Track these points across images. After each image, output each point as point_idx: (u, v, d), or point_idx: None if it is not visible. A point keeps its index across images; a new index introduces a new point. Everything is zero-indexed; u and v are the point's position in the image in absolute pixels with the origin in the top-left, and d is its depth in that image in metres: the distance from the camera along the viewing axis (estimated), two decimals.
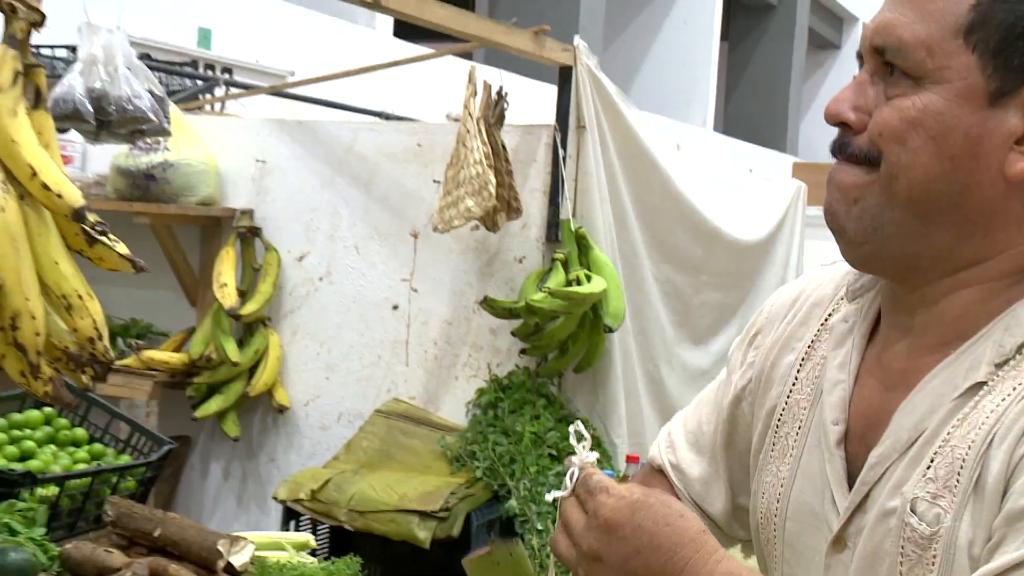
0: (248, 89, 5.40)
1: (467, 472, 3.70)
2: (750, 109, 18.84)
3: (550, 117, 4.22)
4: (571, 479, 1.24)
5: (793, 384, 1.44)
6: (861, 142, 1.22)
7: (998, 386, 1.17)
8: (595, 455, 1.24)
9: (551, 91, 4.40)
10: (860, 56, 1.27)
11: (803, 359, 1.44)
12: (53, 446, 3.39)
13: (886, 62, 1.21)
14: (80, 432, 3.51)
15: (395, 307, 4.29)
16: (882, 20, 1.22)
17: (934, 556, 1.16)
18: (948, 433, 1.19)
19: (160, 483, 3.74)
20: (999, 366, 1.18)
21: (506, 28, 4.10)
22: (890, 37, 1.20)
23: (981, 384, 1.18)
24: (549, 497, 1.29)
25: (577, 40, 4.29)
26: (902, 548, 1.20)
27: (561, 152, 4.13)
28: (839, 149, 1.25)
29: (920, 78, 1.18)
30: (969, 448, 1.16)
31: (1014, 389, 1.15)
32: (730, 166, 9.09)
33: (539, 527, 3.51)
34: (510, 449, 3.67)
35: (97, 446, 3.48)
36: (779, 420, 1.44)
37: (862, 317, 1.37)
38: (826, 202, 1.27)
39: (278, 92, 5.91)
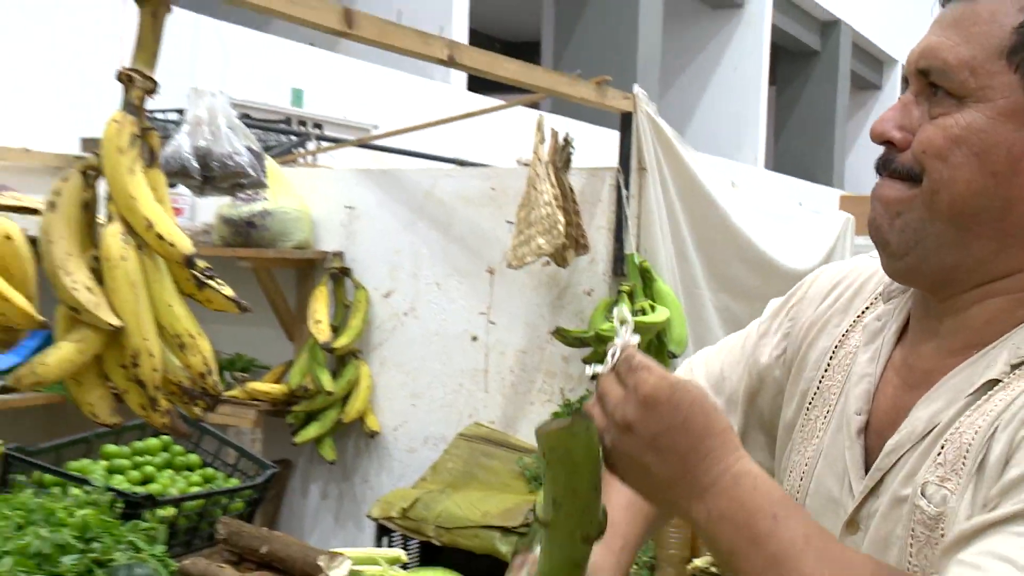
0: (337, 142, 5.45)
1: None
2: (798, 147, 18.71)
3: (613, 160, 4.22)
4: (612, 357, 1.18)
5: (825, 370, 1.42)
6: (905, 159, 1.20)
7: (1012, 384, 1.15)
8: (637, 337, 1.18)
9: (613, 136, 4.40)
10: (906, 80, 1.25)
11: (836, 346, 1.43)
12: (170, 471, 3.46)
13: (930, 83, 1.19)
14: (194, 458, 3.57)
15: (474, 338, 4.30)
16: (927, 44, 1.20)
17: (941, 536, 1.14)
18: (959, 423, 1.17)
19: (265, 504, 3.77)
20: (1015, 367, 1.16)
21: (570, 79, 4.11)
22: (935, 59, 1.18)
23: (995, 381, 1.17)
24: (589, 371, 1.21)
25: (636, 88, 4.28)
26: (912, 531, 1.18)
27: (624, 192, 4.12)
28: (883, 166, 1.24)
29: (963, 97, 1.16)
30: (976, 433, 1.14)
31: None
32: (781, 200, 9.03)
33: None
34: None
35: (209, 470, 3.54)
36: (810, 403, 1.43)
37: (894, 318, 1.35)
38: (870, 216, 1.26)
39: (364, 144, 5.96)
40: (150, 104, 2.08)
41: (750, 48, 17.23)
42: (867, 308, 1.42)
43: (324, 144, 5.47)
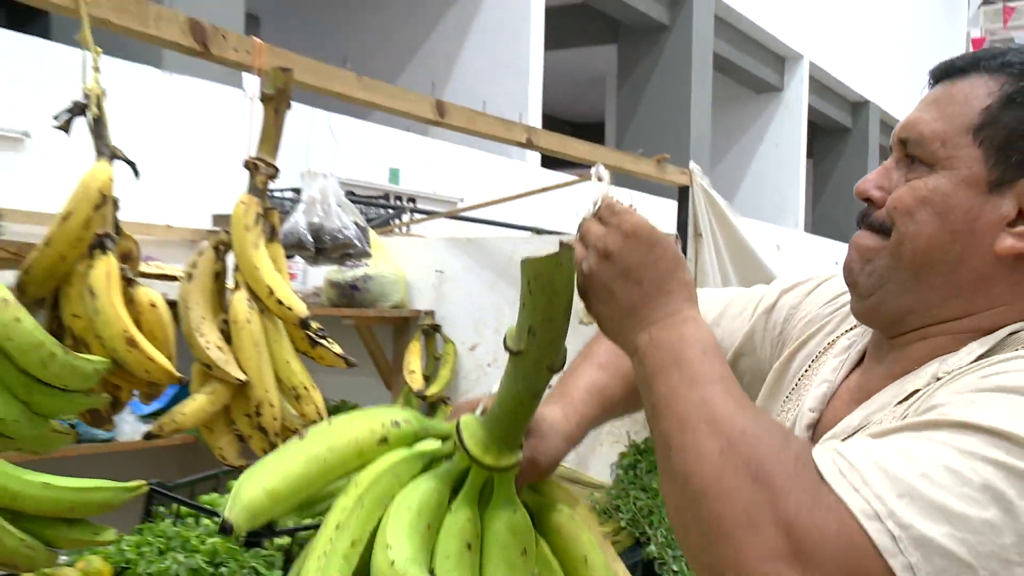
0: (428, 214, 5.50)
1: (613, 523, 3.65)
2: (834, 213, 18.52)
3: (671, 227, 4.21)
4: (595, 205, 1.17)
5: (805, 370, 1.42)
6: (880, 214, 1.22)
7: (930, 391, 1.14)
8: (617, 190, 1.15)
9: (671, 205, 4.40)
10: (891, 148, 1.27)
11: (821, 352, 1.42)
12: None
13: (907, 153, 1.21)
14: None
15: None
16: (909, 118, 1.23)
17: None
18: (881, 417, 1.17)
19: None
20: (938, 379, 1.15)
21: (633, 157, 4.12)
22: (913, 131, 1.20)
23: (918, 391, 1.16)
24: (576, 218, 1.19)
25: (692, 164, 4.29)
26: None
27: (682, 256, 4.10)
28: (862, 219, 1.25)
29: (933, 164, 1.17)
30: (892, 415, 1.15)
31: (939, 388, 1.12)
32: (820, 261, 8.93)
33: (675, 568, 3.44)
34: (648, 503, 3.61)
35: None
36: (788, 395, 1.42)
37: (860, 341, 1.36)
38: (845, 261, 1.27)
39: (452, 216, 6.01)
40: (270, 185, 2.12)
41: (789, 127, 17.16)
42: (850, 328, 1.41)
43: (417, 216, 5.52)
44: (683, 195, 4.32)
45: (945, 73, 1.23)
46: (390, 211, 5.72)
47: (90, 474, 1.70)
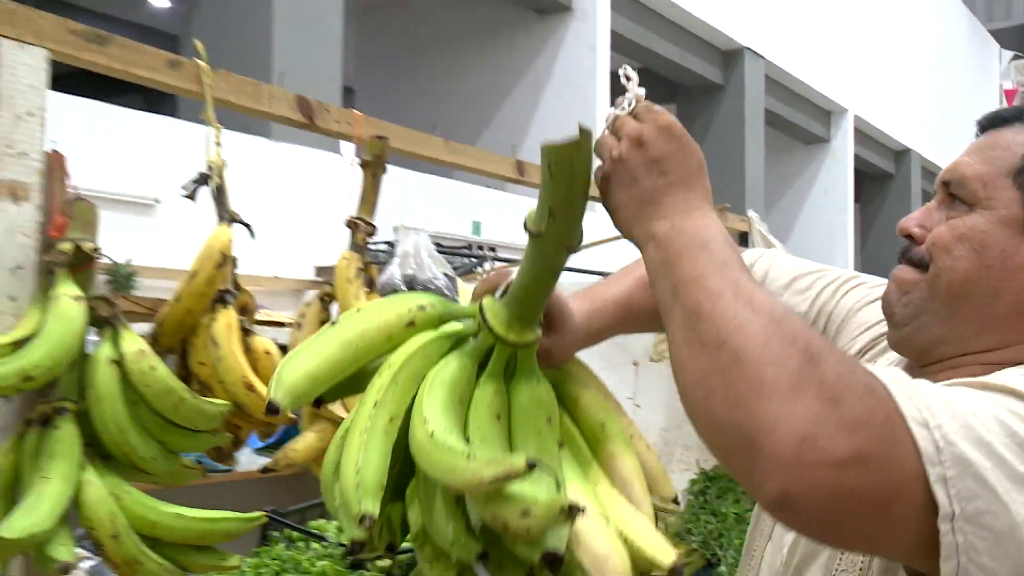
0: (508, 262, 5.51)
1: (686, 544, 3.57)
2: (880, 254, 18.14)
3: None
4: (629, 104, 1.09)
5: None
6: (919, 250, 1.19)
7: None
8: (643, 90, 1.09)
9: None
10: (935, 190, 1.24)
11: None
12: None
13: (950, 193, 1.18)
14: None
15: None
16: (954, 163, 1.20)
17: None
18: None
19: None
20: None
21: None
22: (956, 173, 1.17)
23: None
24: (609, 113, 1.11)
25: (750, 212, 4.26)
26: None
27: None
28: (903, 254, 1.23)
29: (973, 204, 1.14)
30: None
31: None
32: None
33: None
34: (718, 526, 3.54)
35: None
36: None
37: (898, 366, 1.30)
38: (884, 293, 1.24)
39: None
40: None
41: (836, 175, 16.92)
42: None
43: (497, 263, 5.52)
44: (743, 240, 4.27)
45: (991, 123, 1.20)
46: (473, 259, 5.73)
47: (211, 500, 1.71)
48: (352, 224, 2.09)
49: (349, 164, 2.37)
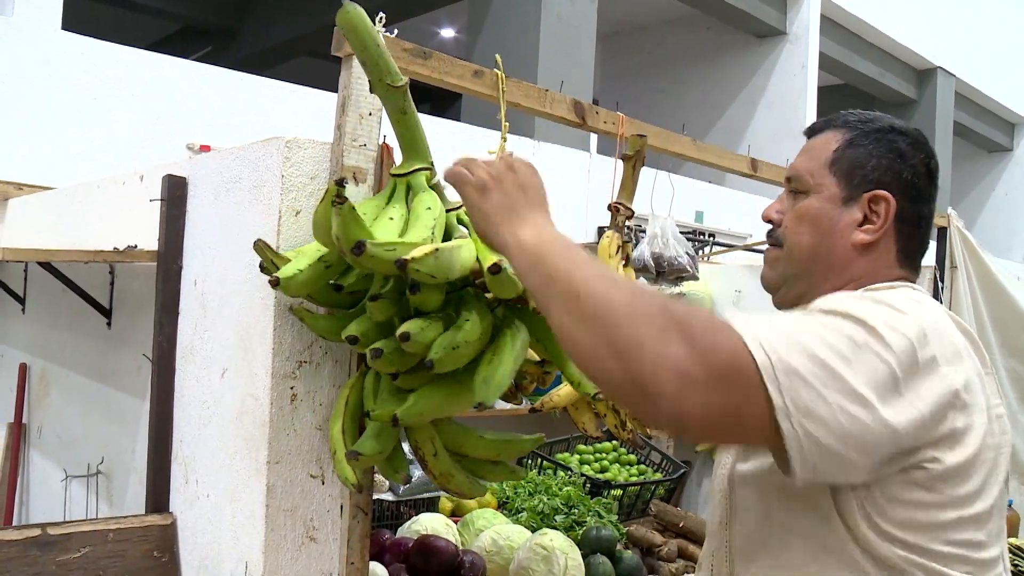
0: (727, 247, 5.25)
1: None
2: None
3: (932, 261, 3.78)
4: (503, 152, 1.20)
5: None
6: (778, 232, 1.26)
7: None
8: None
9: (931, 244, 3.92)
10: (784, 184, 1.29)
11: None
12: (618, 464, 3.35)
13: (791, 188, 1.26)
14: (632, 457, 3.44)
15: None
16: (792, 164, 1.28)
17: None
18: None
19: (675, 491, 3.60)
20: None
21: None
22: (793, 171, 1.26)
23: None
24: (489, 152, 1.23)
25: (950, 210, 3.86)
26: None
27: (940, 284, 3.67)
28: (768, 236, 1.28)
29: (807, 191, 1.23)
30: None
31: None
32: None
33: None
34: None
35: (642, 466, 3.40)
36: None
37: None
38: (762, 272, 1.28)
39: (746, 248, 5.71)
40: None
41: (1018, 179, 15.21)
42: None
43: (717, 248, 5.27)
44: (941, 235, 3.87)
45: (812, 131, 1.28)
46: (696, 243, 5.51)
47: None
48: (613, 208, 1.98)
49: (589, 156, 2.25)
